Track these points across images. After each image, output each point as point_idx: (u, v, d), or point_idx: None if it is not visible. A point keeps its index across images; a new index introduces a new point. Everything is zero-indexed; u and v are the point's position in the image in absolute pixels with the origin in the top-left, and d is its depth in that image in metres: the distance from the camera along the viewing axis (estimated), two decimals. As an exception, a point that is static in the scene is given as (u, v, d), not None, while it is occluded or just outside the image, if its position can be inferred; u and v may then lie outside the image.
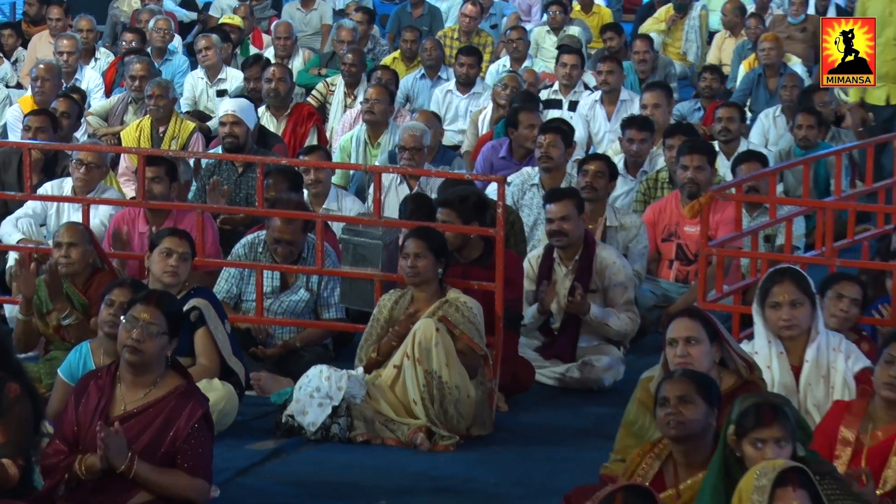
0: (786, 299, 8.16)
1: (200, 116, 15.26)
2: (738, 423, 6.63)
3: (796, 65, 17.50)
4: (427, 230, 9.54)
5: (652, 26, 20.34)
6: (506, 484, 8.71)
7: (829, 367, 8.16)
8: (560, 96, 15.53)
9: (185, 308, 8.94)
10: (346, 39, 17.55)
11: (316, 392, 9.18)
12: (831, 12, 20.72)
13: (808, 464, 6.30)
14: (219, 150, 12.68)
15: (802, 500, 5.98)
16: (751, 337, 9.24)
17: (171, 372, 7.54)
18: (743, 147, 13.27)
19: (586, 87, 15.58)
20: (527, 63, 17.56)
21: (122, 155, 13.45)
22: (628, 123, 13.22)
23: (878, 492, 7.24)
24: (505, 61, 17.52)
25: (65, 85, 15.55)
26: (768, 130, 14.47)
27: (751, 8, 20.74)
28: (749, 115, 14.94)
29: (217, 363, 9.23)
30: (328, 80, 16.44)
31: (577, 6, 20.85)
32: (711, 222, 10.97)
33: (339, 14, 20.16)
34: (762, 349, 8.23)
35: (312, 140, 14.30)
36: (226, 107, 12.91)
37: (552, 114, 14.51)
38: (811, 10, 20.43)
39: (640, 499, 5.67)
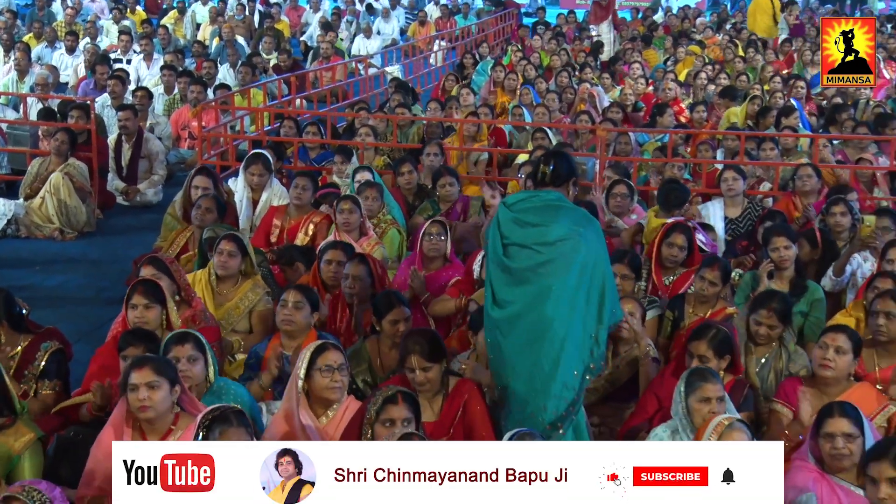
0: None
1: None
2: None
3: (241, 39, 16.86)
4: (68, 129, 8.69)
5: (167, 21, 19.11)
6: (105, 254, 8.06)
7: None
8: (122, 57, 14.34)
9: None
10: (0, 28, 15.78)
11: (-3, 212, 8.37)
12: (256, 16, 19.98)
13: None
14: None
15: (232, 249, 5.62)
16: (231, 177, 8.86)
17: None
18: (218, 82, 12.59)
19: (135, 52, 14.47)
20: (99, 39, 16.29)
21: None
22: (166, 67, 12.45)
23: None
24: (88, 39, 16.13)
25: None
26: (226, 76, 13.62)
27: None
28: (219, 66, 14.15)
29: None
30: (-7, 49, 14.78)
31: (129, 10, 19.35)
32: (205, 119, 10.37)
33: (-3, 14, 18.08)
34: (238, 193, 7.55)
35: (-21, 82, 12.91)
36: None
37: (118, 66, 13.42)
38: (247, 13, 19.70)
39: (161, 262, 5.22)
